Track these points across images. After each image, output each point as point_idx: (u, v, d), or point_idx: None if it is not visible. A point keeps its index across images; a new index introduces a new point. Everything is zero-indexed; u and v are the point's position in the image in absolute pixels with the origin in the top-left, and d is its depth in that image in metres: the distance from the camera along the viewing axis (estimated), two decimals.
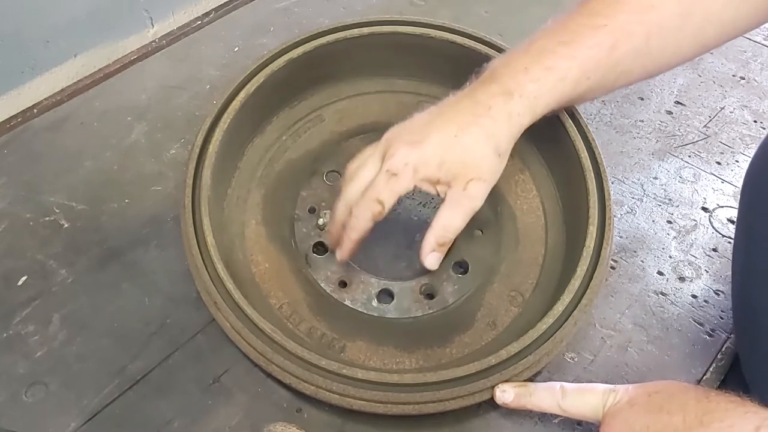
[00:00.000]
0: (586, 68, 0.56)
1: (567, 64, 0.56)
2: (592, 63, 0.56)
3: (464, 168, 0.56)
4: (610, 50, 0.56)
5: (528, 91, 0.56)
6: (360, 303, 0.63)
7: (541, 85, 0.56)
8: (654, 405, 0.49)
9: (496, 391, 0.54)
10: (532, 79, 0.56)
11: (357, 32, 0.69)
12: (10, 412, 0.56)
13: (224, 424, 0.56)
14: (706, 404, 0.47)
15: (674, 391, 0.50)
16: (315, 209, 0.68)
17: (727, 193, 0.75)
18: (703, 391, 0.50)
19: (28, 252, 0.66)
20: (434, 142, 0.56)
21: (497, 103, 0.56)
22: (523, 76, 0.56)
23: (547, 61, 0.56)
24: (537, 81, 0.56)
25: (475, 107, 0.56)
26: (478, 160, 0.56)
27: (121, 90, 0.81)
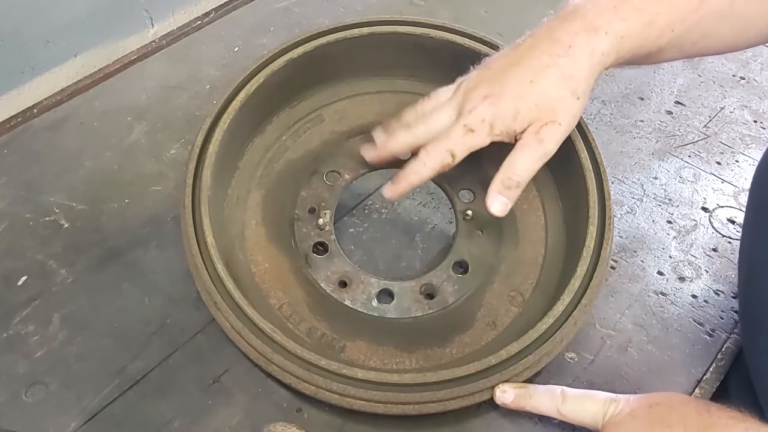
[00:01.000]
0: (674, 17, 0.54)
1: (657, 9, 0.54)
2: (680, 14, 0.54)
3: (539, 112, 0.55)
4: (699, 4, 0.54)
5: (615, 29, 0.54)
6: (360, 303, 0.63)
7: (630, 25, 0.54)
8: (655, 417, 0.49)
9: (496, 392, 0.54)
10: (621, 18, 0.54)
11: (357, 32, 0.69)
12: (10, 412, 0.56)
13: (224, 424, 0.56)
14: (706, 418, 0.47)
15: (675, 404, 0.50)
16: (315, 209, 0.68)
17: (727, 193, 0.75)
18: (703, 404, 0.50)
19: (28, 252, 0.66)
20: (510, 93, 0.55)
21: (579, 40, 0.54)
22: (612, 13, 0.54)
23: (638, 2, 0.54)
24: (626, 20, 0.54)
25: (553, 46, 0.54)
26: (554, 103, 0.55)
27: (121, 90, 0.81)
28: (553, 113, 0.55)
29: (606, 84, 0.86)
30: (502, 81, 0.55)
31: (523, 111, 0.55)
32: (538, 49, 0.55)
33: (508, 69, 0.56)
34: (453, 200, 0.69)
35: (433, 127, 0.57)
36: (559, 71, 0.54)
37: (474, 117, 0.55)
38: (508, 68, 0.56)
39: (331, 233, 0.66)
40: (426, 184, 0.73)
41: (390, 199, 0.60)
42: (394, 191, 0.59)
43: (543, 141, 0.55)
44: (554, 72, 0.54)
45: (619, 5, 0.54)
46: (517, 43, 0.57)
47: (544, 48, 0.55)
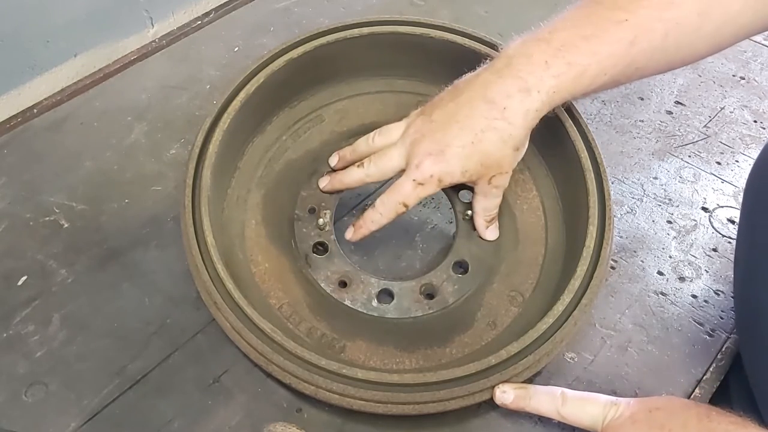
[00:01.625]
0: (605, 65, 0.56)
1: (587, 61, 0.55)
2: (611, 60, 0.56)
3: (486, 169, 0.60)
4: (629, 47, 0.55)
5: (547, 87, 0.56)
6: (360, 303, 0.63)
7: (561, 81, 0.56)
8: (655, 422, 0.49)
9: (496, 392, 0.54)
10: (552, 75, 0.56)
11: (357, 32, 0.69)
12: (10, 412, 0.56)
13: (224, 424, 0.56)
14: (707, 424, 0.47)
15: (676, 409, 0.50)
16: (315, 209, 0.68)
17: (727, 193, 0.75)
18: (704, 409, 0.50)
19: (28, 252, 0.66)
20: (454, 152, 0.58)
21: (513, 103, 0.57)
22: (543, 71, 0.56)
23: (568, 56, 0.56)
24: (557, 77, 0.56)
25: (490, 110, 0.57)
26: (498, 160, 0.59)
27: (121, 90, 0.81)
28: (498, 167, 0.60)
29: None
30: (444, 139, 0.59)
31: (470, 169, 0.59)
32: (475, 110, 0.58)
33: (448, 126, 0.59)
34: (453, 200, 0.69)
35: (383, 168, 0.62)
36: (497, 134, 0.58)
37: (421, 172, 0.59)
38: (448, 125, 0.59)
39: (331, 233, 0.66)
40: None
41: (352, 240, 0.64)
42: (356, 236, 0.64)
43: (498, 186, 0.62)
44: (493, 135, 0.58)
45: (550, 61, 0.56)
46: (457, 87, 0.60)
47: (481, 110, 0.58)
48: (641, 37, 0.55)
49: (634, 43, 0.55)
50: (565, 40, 0.56)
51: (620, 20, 0.56)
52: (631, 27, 0.55)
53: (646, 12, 0.56)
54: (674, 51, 0.58)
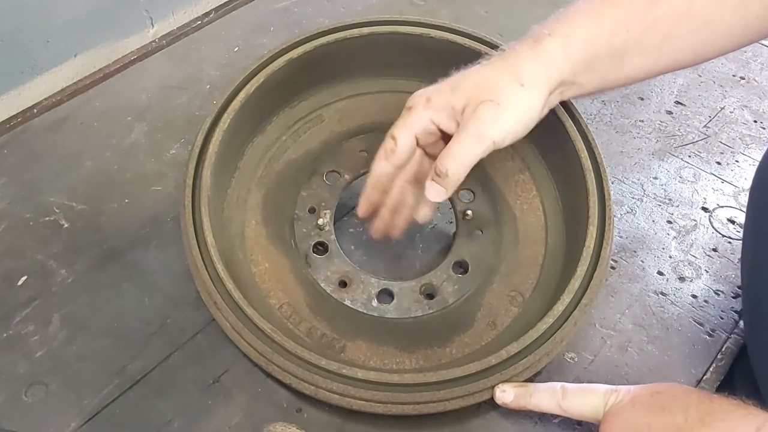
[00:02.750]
0: (622, 17, 0.53)
1: (602, 8, 0.53)
2: (629, 12, 0.53)
3: (477, 89, 0.53)
4: (649, 4, 0.53)
5: (559, 31, 0.53)
6: (360, 303, 0.63)
7: (574, 25, 0.53)
8: (656, 404, 0.49)
9: (496, 391, 0.54)
10: (563, 22, 0.54)
11: (357, 32, 0.69)
12: (10, 412, 0.56)
13: (224, 424, 0.56)
14: (708, 405, 0.47)
15: (676, 392, 0.50)
16: (315, 209, 0.68)
17: (727, 193, 0.75)
18: (705, 393, 0.50)
19: (28, 252, 0.66)
20: (452, 77, 0.55)
21: (524, 46, 0.54)
22: (553, 22, 0.54)
23: (581, 8, 0.54)
24: (568, 22, 0.54)
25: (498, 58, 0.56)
26: (494, 83, 0.53)
27: (121, 90, 0.81)
28: (491, 92, 0.53)
29: None
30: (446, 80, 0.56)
31: (461, 86, 0.54)
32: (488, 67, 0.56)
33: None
34: (453, 200, 0.69)
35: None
36: (503, 63, 0.54)
37: (414, 97, 0.56)
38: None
39: (331, 233, 0.66)
40: None
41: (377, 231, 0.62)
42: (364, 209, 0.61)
43: (480, 120, 0.53)
44: (498, 62, 0.55)
45: (560, 17, 0.54)
46: None
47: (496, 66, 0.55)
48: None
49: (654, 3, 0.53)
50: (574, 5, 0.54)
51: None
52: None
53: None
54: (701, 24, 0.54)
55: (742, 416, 0.45)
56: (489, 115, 0.53)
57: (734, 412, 0.46)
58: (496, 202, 0.69)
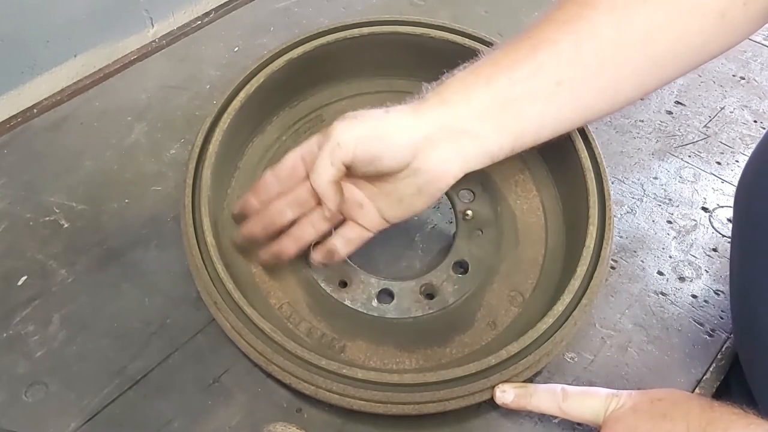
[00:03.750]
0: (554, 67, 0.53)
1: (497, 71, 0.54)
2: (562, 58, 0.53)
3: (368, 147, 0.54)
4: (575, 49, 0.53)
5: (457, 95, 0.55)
6: (360, 303, 0.63)
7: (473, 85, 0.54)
8: (657, 412, 0.49)
9: (496, 392, 0.54)
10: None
11: (357, 32, 0.69)
12: (10, 412, 0.56)
13: (224, 424, 0.56)
14: (709, 413, 0.47)
15: (678, 399, 0.50)
16: None
17: (727, 193, 0.75)
18: (706, 401, 0.50)
19: (28, 252, 0.66)
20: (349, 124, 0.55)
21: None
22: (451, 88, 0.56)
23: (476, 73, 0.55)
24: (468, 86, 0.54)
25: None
26: (371, 111, 0.55)
27: (121, 90, 0.81)
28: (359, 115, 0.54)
29: None
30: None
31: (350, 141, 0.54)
32: None
33: None
34: (453, 200, 0.69)
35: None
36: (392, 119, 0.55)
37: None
38: None
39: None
40: None
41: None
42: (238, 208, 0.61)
43: (334, 128, 0.54)
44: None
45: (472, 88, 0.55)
46: None
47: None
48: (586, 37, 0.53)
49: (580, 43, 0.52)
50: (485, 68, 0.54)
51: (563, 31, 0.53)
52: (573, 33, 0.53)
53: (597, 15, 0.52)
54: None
55: (744, 426, 0.45)
56: (344, 125, 0.54)
57: (736, 421, 0.46)
58: (496, 202, 0.69)
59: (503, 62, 0.54)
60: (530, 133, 0.56)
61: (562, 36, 0.53)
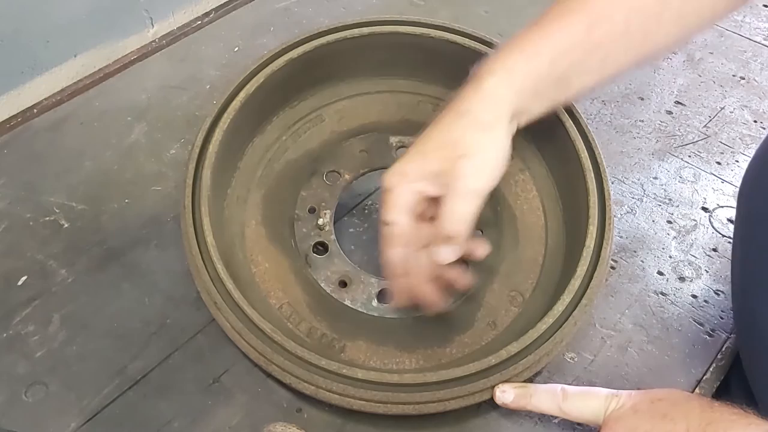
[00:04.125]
0: (561, 46, 0.55)
1: (540, 41, 0.55)
2: (567, 41, 0.55)
3: (445, 150, 0.54)
4: (587, 30, 0.55)
5: (499, 68, 0.54)
6: (360, 303, 0.63)
7: (515, 61, 0.54)
8: (657, 412, 0.49)
9: (496, 392, 0.54)
10: (502, 60, 0.55)
11: (357, 32, 0.69)
12: (10, 412, 0.56)
13: (224, 424, 0.56)
14: (710, 414, 0.47)
15: (678, 399, 0.50)
16: (315, 209, 0.68)
17: (727, 193, 0.75)
18: (706, 401, 0.50)
19: (28, 252, 0.66)
20: (414, 147, 0.56)
21: (467, 91, 0.55)
22: (492, 62, 0.55)
23: (518, 45, 0.55)
24: (508, 59, 0.55)
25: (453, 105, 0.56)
26: (458, 137, 0.54)
27: (121, 90, 0.81)
28: (461, 147, 0.54)
29: None
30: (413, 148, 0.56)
31: (429, 151, 0.55)
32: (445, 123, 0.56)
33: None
34: None
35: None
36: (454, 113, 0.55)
37: (389, 177, 0.55)
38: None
39: (331, 233, 0.66)
40: None
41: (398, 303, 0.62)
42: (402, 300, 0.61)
43: (463, 177, 0.54)
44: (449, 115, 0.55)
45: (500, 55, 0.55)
46: None
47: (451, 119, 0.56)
48: (599, 21, 0.54)
49: (592, 27, 0.54)
50: (514, 40, 0.55)
51: (573, 10, 0.55)
52: (586, 14, 0.54)
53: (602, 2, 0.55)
54: (639, 38, 0.56)
55: (744, 426, 0.45)
56: (470, 171, 0.54)
57: (736, 421, 0.46)
58: (496, 202, 0.69)
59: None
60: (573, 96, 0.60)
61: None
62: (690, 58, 0.90)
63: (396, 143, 0.73)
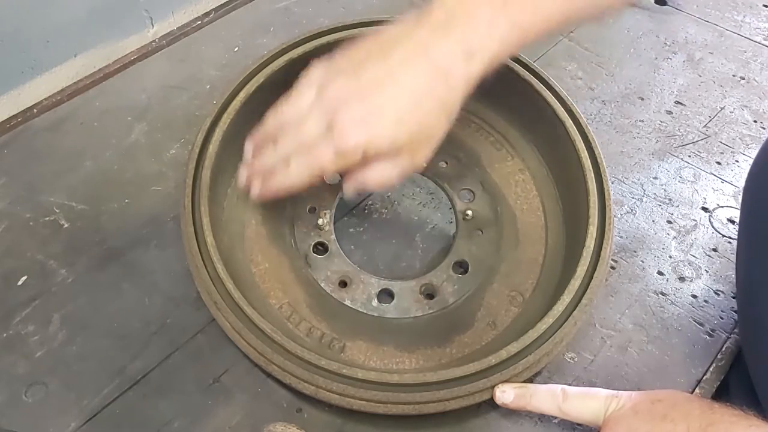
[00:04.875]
0: (549, 21, 0.53)
1: (531, 19, 0.52)
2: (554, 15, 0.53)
3: (414, 143, 0.53)
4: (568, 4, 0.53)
5: (490, 52, 0.52)
6: (360, 303, 0.63)
7: (504, 44, 0.52)
8: (658, 413, 0.49)
9: (496, 392, 0.54)
10: (496, 38, 0.52)
11: (357, 32, 0.69)
12: (10, 412, 0.56)
13: (224, 424, 0.56)
14: (710, 415, 0.47)
15: (678, 400, 0.50)
16: (315, 209, 0.68)
17: (727, 193, 0.75)
18: (707, 402, 0.50)
19: (28, 252, 0.66)
20: (388, 118, 0.52)
21: (457, 67, 0.51)
22: (487, 33, 0.51)
23: (512, 14, 0.51)
24: (501, 40, 0.52)
25: (432, 70, 0.52)
26: (430, 130, 0.53)
27: (121, 90, 0.81)
28: (428, 139, 0.54)
29: (606, 84, 0.86)
30: (377, 101, 0.52)
31: (399, 138, 0.52)
32: (417, 70, 0.52)
33: (381, 86, 0.52)
34: (453, 200, 0.69)
35: (302, 138, 0.54)
36: (437, 102, 0.52)
37: (345, 141, 0.52)
38: (381, 85, 0.52)
39: (331, 233, 0.66)
40: (426, 184, 0.73)
41: (254, 197, 0.59)
42: (262, 194, 0.58)
43: (416, 163, 0.54)
44: (433, 103, 0.52)
45: (494, 20, 0.51)
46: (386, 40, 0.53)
47: (423, 71, 0.52)
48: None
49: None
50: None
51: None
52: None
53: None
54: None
55: (745, 427, 0.45)
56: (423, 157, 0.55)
57: (736, 423, 0.46)
58: (496, 202, 0.69)
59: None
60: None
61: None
62: (690, 58, 0.90)
63: None
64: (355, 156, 0.52)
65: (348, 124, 0.52)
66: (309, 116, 0.54)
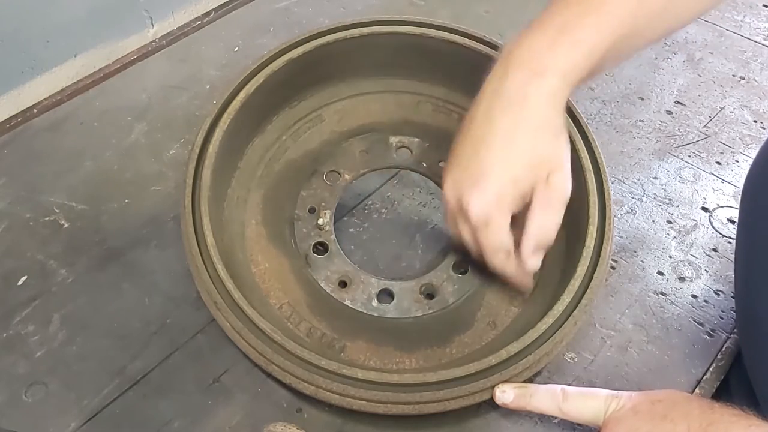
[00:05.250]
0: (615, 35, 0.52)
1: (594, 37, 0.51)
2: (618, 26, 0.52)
3: (534, 171, 0.51)
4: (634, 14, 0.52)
5: (560, 69, 0.51)
6: (360, 303, 0.63)
7: (571, 60, 0.51)
8: (657, 413, 0.49)
9: (496, 392, 0.54)
10: (560, 55, 0.51)
11: (357, 32, 0.69)
12: (10, 412, 0.56)
13: (224, 424, 0.56)
14: (710, 415, 0.47)
15: (678, 400, 0.50)
16: (315, 209, 0.68)
17: (727, 193, 0.75)
18: (706, 402, 0.50)
19: (28, 252, 0.66)
20: (495, 171, 0.51)
21: (531, 89, 0.51)
22: (550, 55, 0.51)
23: (571, 35, 0.51)
24: (566, 56, 0.51)
25: (510, 106, 0.51)
26: (543, 153, 0.52)
27: (121, 90, 0.81)
28: (549, 164, 0.52)
29: (606, 84, 0.86)
30: (479, 164, 0.51)
31: (518, 178, 0.51)
32: (496, 114, 0.51)
33: (477, 148, 0.52)
34: None
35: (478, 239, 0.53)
36: (528, 127, 0.51)
37: (475, 213, 0.51)
38: (477, 147, 0.52)
39: (331, 233, 0.66)
40: (426, 184, 0.73)
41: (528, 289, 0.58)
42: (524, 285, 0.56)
43: (557, 189, 0.52)
44: (525, 131, 0.51)
45: (553, 45, 0.51)
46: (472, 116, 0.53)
47: (502, 109, 0.51)
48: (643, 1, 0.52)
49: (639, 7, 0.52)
50: (563, 23, 0.51)
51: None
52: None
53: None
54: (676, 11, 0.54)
55: (744, 427, 0.45)
56: (561, 183, 0.52)
57: (736, 422, 0.46)
58: None
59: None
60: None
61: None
62: (690, 58, 0.90)
63: (396, 143, 0.73)
64: (495, 218, 0.52)
65: (468, 200, 0.51)
66: (458, 222, 0.54)
